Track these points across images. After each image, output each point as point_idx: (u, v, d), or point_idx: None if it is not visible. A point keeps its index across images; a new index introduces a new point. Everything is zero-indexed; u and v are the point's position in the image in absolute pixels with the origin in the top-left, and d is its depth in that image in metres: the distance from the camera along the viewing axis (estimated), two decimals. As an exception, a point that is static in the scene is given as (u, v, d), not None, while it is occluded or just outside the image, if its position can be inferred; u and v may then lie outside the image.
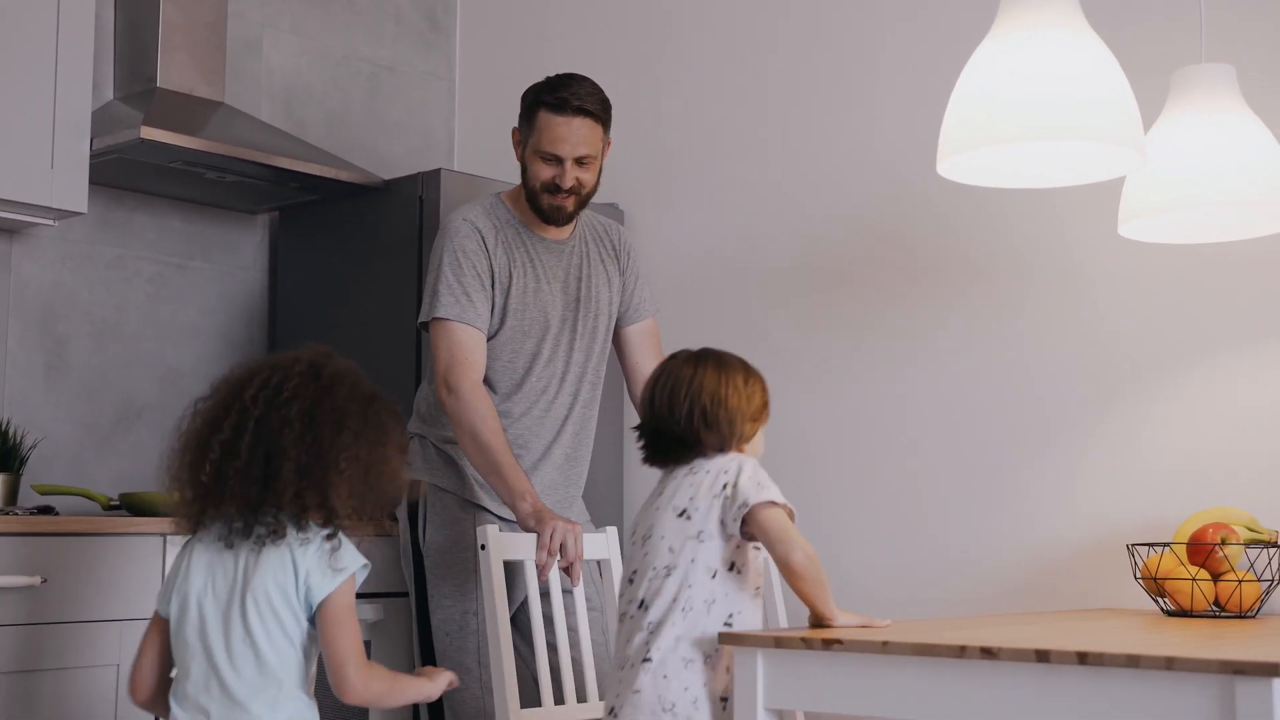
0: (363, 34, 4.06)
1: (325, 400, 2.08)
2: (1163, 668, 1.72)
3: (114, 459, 3.47)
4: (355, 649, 2.05)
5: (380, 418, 2.14)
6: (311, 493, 2.04)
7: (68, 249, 3.43)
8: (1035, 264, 3.10)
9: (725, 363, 2.32)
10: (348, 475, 2.06)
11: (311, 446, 2.04)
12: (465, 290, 2.92)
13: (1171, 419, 2.92)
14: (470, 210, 3.01)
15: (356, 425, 2.09)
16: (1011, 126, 2.11)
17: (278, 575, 2.05)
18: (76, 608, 2.74)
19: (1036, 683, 1.82)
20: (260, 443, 2.04)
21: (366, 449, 2.09)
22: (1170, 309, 2.93)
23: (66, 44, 3.08)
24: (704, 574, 2.21)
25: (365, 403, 2.13)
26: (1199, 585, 2.61)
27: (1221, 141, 2.51)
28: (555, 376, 3.05)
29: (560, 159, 2.94)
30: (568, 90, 2.94)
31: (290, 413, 2.05)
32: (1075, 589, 2.98)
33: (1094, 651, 1.77)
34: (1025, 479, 3.07)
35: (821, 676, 2.02)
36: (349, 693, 2.04)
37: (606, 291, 3.14)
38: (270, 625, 2.05)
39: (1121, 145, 2.15)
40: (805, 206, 3.47)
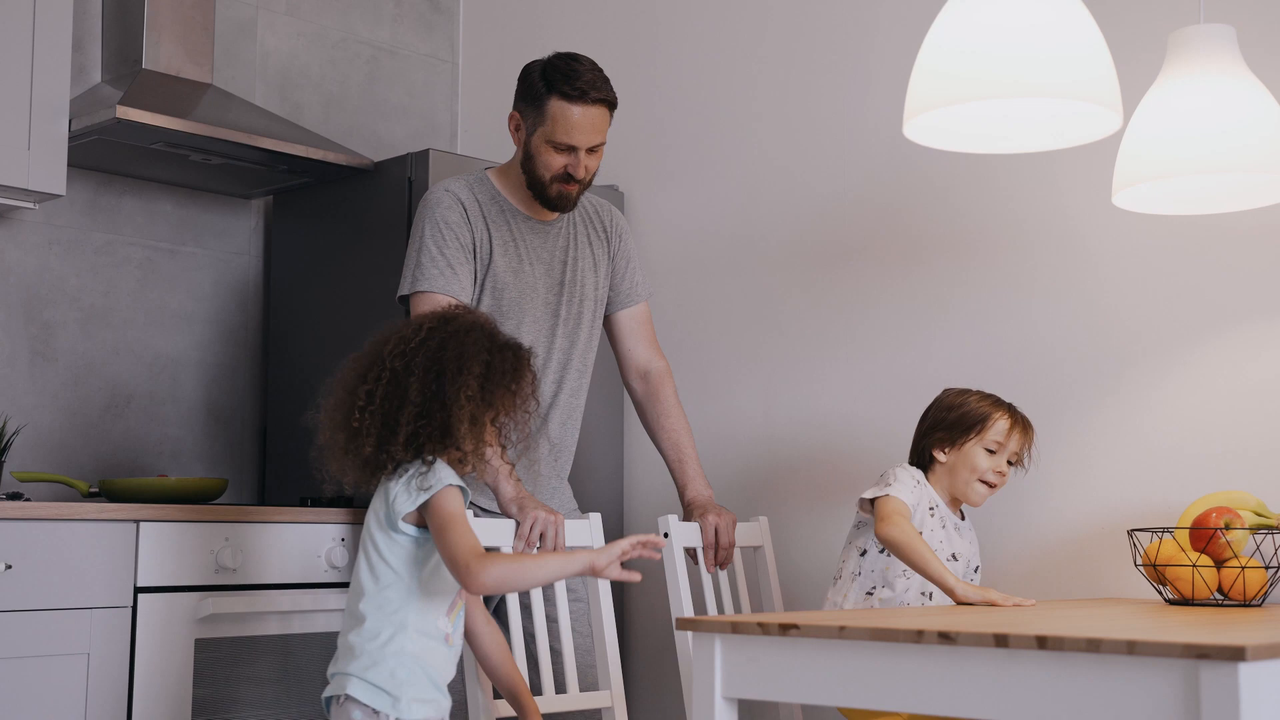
0: (360, 15, 3.99)
1: (450, 347, 2.24)
2: (1124, 652, 1.61)
3: (102, 447, 3.42)
4: (463, 547, 2.15)
5: (506, 362, 2.28)
6: (430, 432, 2.21)
7: (54, 234, 3.38)
8: (1038, 239, 2.99)
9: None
10: (467, 413, 2.21)
11: (433, 391, 2.22)
12: (449, 261, 2.84)
13: (1179, 399, 2.80)
14: (453, 182, 2.93)
15: (479, 368, 2.23)
16: (979, 83, 2.00)
17: (376, 505, 2.27)
18: (44, 595, 2.68)
19: (996, 668, 1.72)
20: (391, 393, 2.23)
21: (488, 389, 2.24)
22: (1178, 284, 2.81)
23: (44, 24, 3.03)
24: (855, 552, 2.74)
25: (490, 349, 2.27)
26: (1199, 572, 2.48)
27: (1221, 106, 2.39)
28: (537, 362, 2.97)
29: (575, 148, 2.85)
30: (583, 79, 2.83)
31: (416, 361, 2.23)
32: (1078, 576, 2.87)
33: (1054, 636, 1.66)
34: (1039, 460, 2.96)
35: (779, 663, 1.92)
36: (471, 585, 2.16)
37: (593, 275, 3.05)
38: (369, 548, 2.26)
39: (1098, 105, 2.03)
40: (804, 183, 3.37)
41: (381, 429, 2.22)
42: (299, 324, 3.61)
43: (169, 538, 2.85)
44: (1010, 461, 2.73)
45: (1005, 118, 2.23)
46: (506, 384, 2.26)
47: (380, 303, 3.34)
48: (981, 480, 2.70)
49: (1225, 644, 1.54)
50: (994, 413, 2.70)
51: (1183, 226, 2.78)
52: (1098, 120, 2.18)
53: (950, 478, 2.73)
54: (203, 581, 2.89)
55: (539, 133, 2.86)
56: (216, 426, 3.64)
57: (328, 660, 3.05)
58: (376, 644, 2.21)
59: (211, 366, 3.63)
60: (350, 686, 2.21)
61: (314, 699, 3.04)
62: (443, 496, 2.19)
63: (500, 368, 2.26)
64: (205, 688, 2.88)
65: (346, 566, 3.10)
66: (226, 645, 2.91)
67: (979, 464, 2.70)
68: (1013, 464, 2.74)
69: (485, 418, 2.25)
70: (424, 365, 2.22)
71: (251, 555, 2.97)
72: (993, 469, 2.70)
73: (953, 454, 2.72)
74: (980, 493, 2.71)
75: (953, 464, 2.72)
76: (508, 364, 2.28)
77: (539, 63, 2.89)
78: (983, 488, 2.71)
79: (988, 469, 2.70)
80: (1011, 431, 2.70)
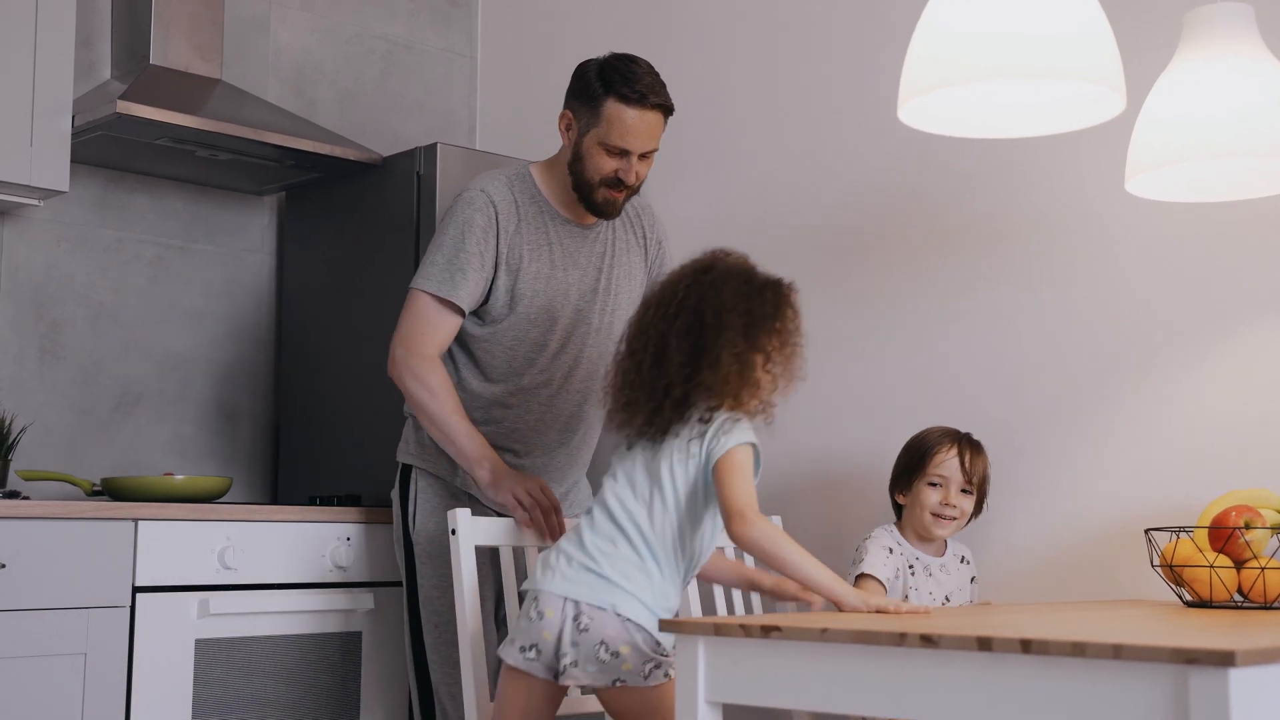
0: (375, 10, 3.95)
1: (710, 302, 2.23)
2: (1110, 656, 1.53)
3: (111, 445, 3.40)
4: (737, 502, 2.16)
5: (767, 304, 2.25)
6: (698, 391, 2.21)
7: (62, 231, 3.37)
8: (1058, 229, 2.90)
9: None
10: (733, 369, 2.20)
11: (692, 352, 2.21)
12: (460, 267, 2.78)
13: (1201, 393, 2.70)
14: (491, 182, 2.85)
15: (740, 320, 2.21)
16: (975, 66, 1.92)
17: (674, 451, 2.25)
18: (40, 594, 2.66)
19: (979, 672, 1.64)
20: (658, 360, 2.24)
21: (751, 336, 2.22)
22: (1197, 275, 2.71)
23: (46, 20, 3.01)
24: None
25: (751, 296, 2.25)
26: (1217, 573, 2.38)
27: (1239, 87, 2.29)
28: (561, 371, 2.90)
29: (628, 152, 2.77)
30: (642, 82, 2.75)
31: (679, 324, 2.23)
32: (1098, 578, 2.77)
33: (1038, 639, 1.58)
34: (1047, 457, 2.87)
35: (762, 666, 1.85)
36: (737, 529, 2.16)
37: (629, 283, 2.98)
38: (656, 484, 2.26)
39: (1101, 87, 1.95)
40: (822, 175, 3.29)
41: (652, 394, 2.23)
42: (312, 321, 3.57)
43: (169, 537, 2.82)
44: (965, 490, 2.71)
45: (1004, 102, 2.14)
46: (770, 325, 2.24)
47: (393, 299, 3.30)
48: (934, 514, 2.70)
49: (1214, 649, 1.45)
50: (933, 446, 2.71)
51: (1202, 214, 2.68)
52: (1101, 103, 2.09)
53: (912, 519, 2.74)
54: (204, 581, 2.86)
55: (592, 134, 2.78)
56: (228, 425, 3.60)
57: (334, 661, 3.02)
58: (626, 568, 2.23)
59: (223, 364, 3.60)
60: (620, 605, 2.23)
61: (318, 701, 3.00)
62: (731, 455, 2.18)
63: (761, 311, 2.24)
64: (206, 688, 2.84)
65: (352, 566, 3.06)
66: (228, 646, 2.88)
67: (927, 500, 2.70)
68: (969, 492, 2.72)
69: (757, 364, 2.22)
70: (683, 327, 2.22)
71: (254, 554, 2.93)
72: (940, 501, 2.69)
73: (909, 496, 2.74)
74: (938, 528, 2.71)
75: (909, 505, 2.75)
76: (768, 305, 2.25)
77: (595, 61, 2.81)
78: (939, 522, 2.70)
79: (935, 502, 2.70)
80: (948, 462, 2.69)
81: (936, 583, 2.73)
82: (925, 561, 2.73)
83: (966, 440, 2.74)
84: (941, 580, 2.74)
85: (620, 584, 2.23)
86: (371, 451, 3.31)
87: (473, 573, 2.54)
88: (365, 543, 3.10)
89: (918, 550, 2.74)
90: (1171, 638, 1.58)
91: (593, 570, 2.24)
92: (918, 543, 2.74)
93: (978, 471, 2.73)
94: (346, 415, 3.42)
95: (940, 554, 2.76)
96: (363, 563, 3.09)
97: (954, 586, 2.76)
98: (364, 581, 3.09)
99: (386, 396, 3.11)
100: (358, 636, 3.07)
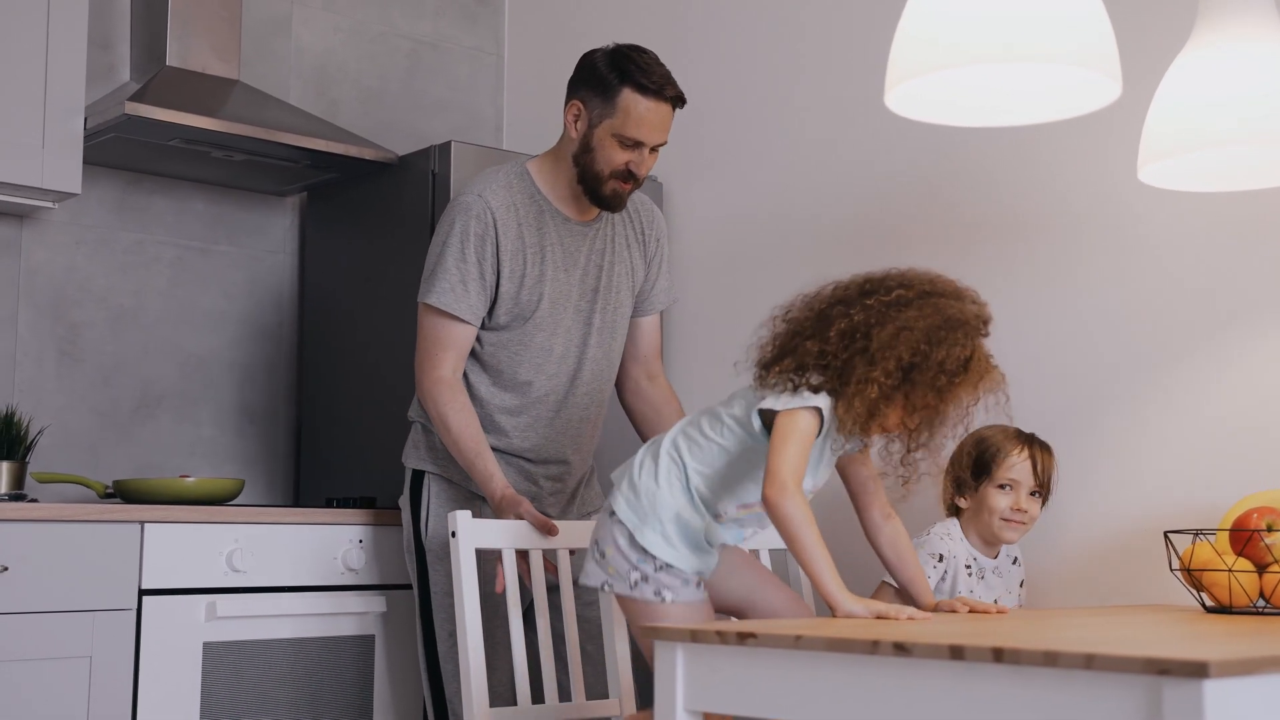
0: (400, 9, 3.93)
1: (884, 326, 2.09)
2: (1082, 666, 1.45)
3: (132, 447, 3.40)
4: (780, 468, 2.08)
5: (953, 363, 2.07)
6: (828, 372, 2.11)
7: (81, 234, 3.37)
8: (1082, 222, 2.80)
9: None
10: (868, 394, 2.08)
11: (849, 351, 2.10)
12: (463, 278, 2.73)
13: (1230, 392, 2.60)
14: (488, 185, 2.79)
15: (907, 356, 2.06)
16: (963, 50, 1.85)
17: (746, 398, 2.23)
18: (44, 597, 2.65)
19: (952, 681, 1.57)
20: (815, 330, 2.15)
21: (910, 380, 2.08)
22: (1226, 270, 2.61)
23: (58, 22, 3.01)
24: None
25: (920, 342, 2.07)
26: (1237, 578, 2.29)
27: (1258, 71, 2.20)
28: (566, 376, 2.86)
29: (642, 144, 2.72)
30: (657, 73, 2.70)
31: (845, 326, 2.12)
32: (1121, 582, 2.68)
33: (1009, 648, 1.51)
34: (1072, 457, 2.78)
35: (740, 674, 1.79)
36: (771, 494, 2.09)
37: (629, 280, 2.92)
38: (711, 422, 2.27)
39: (1094, 72, 1.87)
40: (844, 169, 3.22)
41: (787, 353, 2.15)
42: (334, 322, 3.55)
43: (175, 539, 2.81)
44: (1034, 492, 2.61)
45: (994, 88, 2.06)
46: (929, 387, 2.07)
47: (409, 299, 3.27)
48: (1004, 519, 2.60)
49: (1188, 659, 1.38)
50: (1003, 449, 2.60)
51: (1222, 205, 2.58)
52: (1096, 89, 2.00)
53: (977, 522, 2.64)
54: (212, 584, 2.84)
55: (605, 125, 2.72)
56: (250, 426, 3.59)
57: (346, 664, 2.99)
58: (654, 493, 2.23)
59: (245, 366, 3.59)
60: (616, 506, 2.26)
61: (331, 705, 2.97)
62: (790, 415, 2.10)
63: (941, 367, 2.06)
64: (214, 692, 2.82)
65: (364, 568, 3.03)
66: (236, 649, 2.86)
67: (996, 504, 2.60)
68: (1037, 495, 2.62)
69: (894, 404, 2.10)
70: (848, 330, 2.11)
71: (264, 557, 2.91)
72: (1011, 507, 2.59)
73: (972, 499, 2.64)
74: (1008, 533, 2.61)
75: (974, 509, 2.64)
76: (948, 367, 2.06)
77: (602, 51, 2.75)
78: (1010, 525, 2.61)
79: (1006, 508, 2.60)
80: (1020, 465, 2.59)
81: (987, 586, 2.65)
82: (982, 564, 2.64)
83: (1036, 441, 2.64)
84: (993, 584, 2.66)
85: (625, 488, 2.26)
86: (394, 453, 3.28)
87: (473, 575, 2.50)
88: (378, 545, 3.07)
89: (975, 551, 2.64)
90: (1148, 647, 1.50)
91: (625, 475, 2.31)
92: (979, 545, 2.65)
93: (1047, 474, 2.64)
94: (368, 416, 3.39)
95: (995, 555, 2.68)
96: (375, 565, 3.06)
97: (1004, 589, 2.67)
98: (376, 584, 3.06)
99: (409, 398, 3.07)
100: (370, 640, 3.04)
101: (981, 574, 2.63)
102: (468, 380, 2.84)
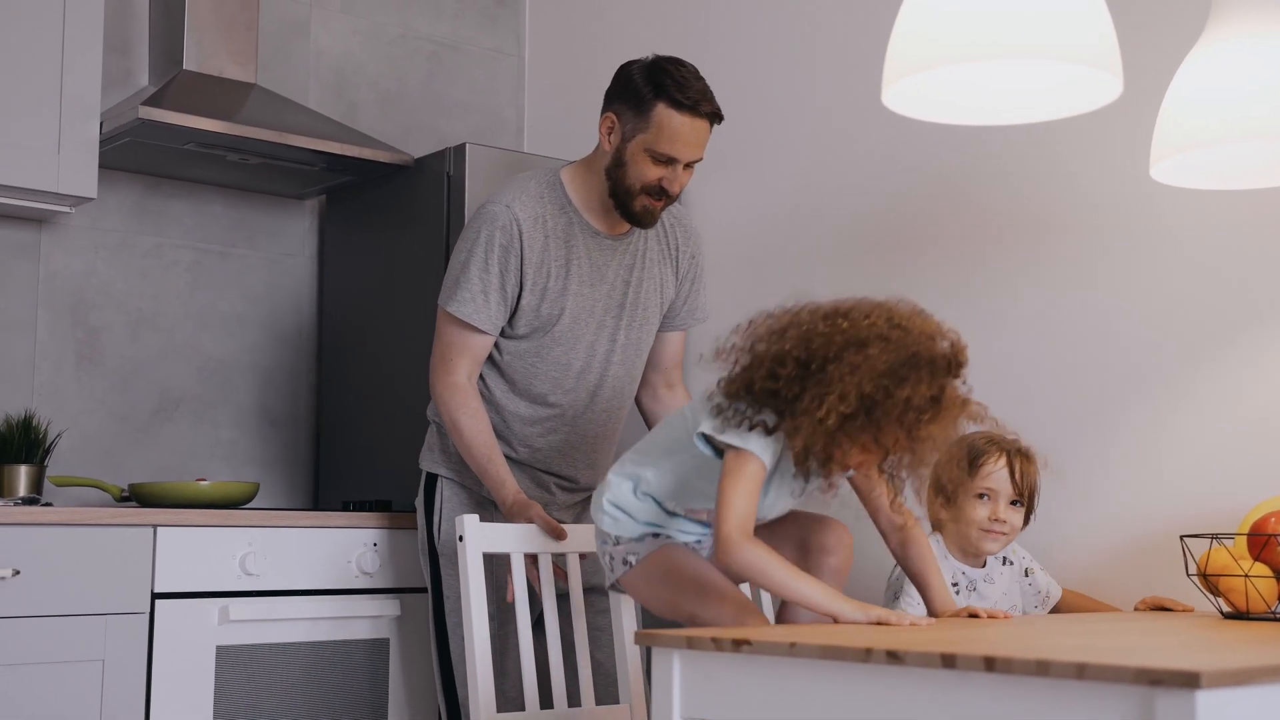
0: (419, 10, 3.92)
1: (842, 359, 1.96)
2: (1073, 676, 1.42)
3: (151, 451, 3.41)
4: (725, 526, 1.99)
5: (920, 398, 1.94)
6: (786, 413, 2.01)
7: (100, 238, 3.38)
8: (1100, 222, 2.76)
9: None
10: (820, 427, 1.96)
11: (799, 395, 1.98)
12: (484, 288, 2.71)
13: (1255, 392, 2.55)
14: (517, 195, 2.74)
15: (869, 388, 1.93)
16: (960, 46, 1.81)
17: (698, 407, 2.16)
18: (57, 601, 2.65)
19: (944, 690, 1.54)
20: (761, 361, 2.05)
21: (874, 416, 1.94)
22: (1246, 270, 2.56)
23: (74, 26, 3.02)
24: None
25: (881, 376, 1.95)
26: (1253, 583, 2.24)
27: (1268, 67, 2.15)
28: (586, 391, 2.83)
29: (675, 161, 2.67)
30: (694, 88, 2.65)
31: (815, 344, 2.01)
32: (1141, 587, 2.63)
33: (1001, 657, 1.48)
34: (1089, 458, 2.74)
35: (736, 681, 1.77)
36: (721, 550, 2.00)
37: (657, 297, 2.89)
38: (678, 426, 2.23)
39: (1094, 68, 1.83)
40: (864, 167, 3.19)
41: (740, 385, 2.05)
42: (353, 325, 3.55)
43: (188, 543, 2.81)
44: (1014, 502, 2.52)
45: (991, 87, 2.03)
46: (897, 426, 1.94)
47: (425, 302, 3.26)
48: (983, 530, 2.51)
49: (1179, 669, 1.34)
50: (979, 457, 2.50)
51: (1246, 205, 2.53)
52: (1096, 87, 1.97)
53: (957, 534, 2.55)
54: (225, 587, 2.84)
55: (638, 140, 2.67)
56: (270, 429, 3.60)
57: (360, 668, 2.98)
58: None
59: (264, 369, 3.60)
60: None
61: (345, 708, 2.97)
62: (736, 456, 2.02)
63: (907, 404, 1.92)
64: (227, 695, 2.82)
65: (378, 572, 3.03)
66: (249, 653, 2.86)
67: (975, 515, 2.51)
68: (1018, 504, 2.53)
69: (857, 442, 1.96)
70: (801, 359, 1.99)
71: (278, 560, 2.91)
72: (989, 517, 2.50)
73: (951, 510, 2.53)
74: (987, 544, 2.52)
75: (954, 520, 2.54)
76: (914, 406, 1.93)
77: (639, 63, 2.70)
78: (988, 537, 2.52)
79: (984, 518, 2.50)
80: (997, 474, 2.49)
81: (981, 597, 2.57)
82: (970, 577, 2.57)
83: (1016, 449, 2.53)
84: (986, 593, 2.58)
85: (604, 510, 2.27)
86: (413, 456, 3.27)
87: (480, 579, 2.48)
88: (392, 548, 3.06)
89: (962, 565, 2.57)
90: (1145, 657, 1.46)
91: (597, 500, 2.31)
92: (962, 558, 2.57)
93: (1028, 483, 2.53)
94: (388, 419, 3.39)
95: (982, 565, 2.61)
96: (389, 568, 3.05)
97: (999, 594, 2.59)
98: (391, 588, 3.05)
99: (428, 400, 3.07)
100: (385, 644, 3.03)
101: (973, 586, 2.56)
102: (485, 384, 2.83)
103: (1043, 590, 2.64)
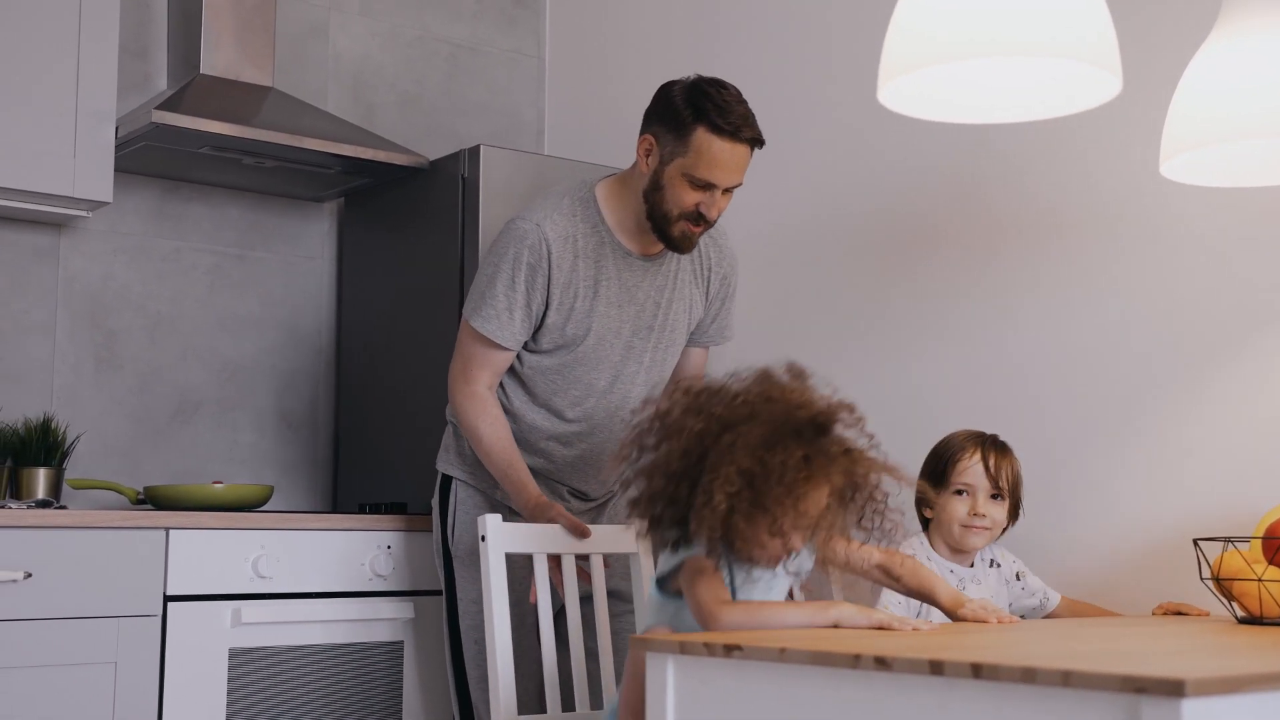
0: (437, 13, 3.92)
1: (726, 435, 1.94)
2: (1059, 683, 1.40)
3: (170, 454, 3.42)
4: (707, 597, 1.99)
5: (788, 467, 1.91)
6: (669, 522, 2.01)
7: (118, 242, 3.40)
8: (1112, 223, 2.73)
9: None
10: (711, 520, 1.94)
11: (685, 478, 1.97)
12: (509, 305, 2.69)
13: (1270, 394, 2.51)
14: (549, 213, 2.70)
15: (746, 464, 1.91)
16: (956, 43, 1.79)
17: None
18: (69, 603, 2.67)
19: (933, 696, 1.52)
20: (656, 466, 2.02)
21: (760, 494, 1.92)
22: (1260, 271, 2.52)
23: (89, 32, 3.04)
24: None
25: (772, 445, 1.92)
26: (1267, 588, 2.21)
27: (1278, 63, 2.12)
28: (606, 411, 2.82)
29: (714, 186, 2.61)
30: (735, 113, 2.58)
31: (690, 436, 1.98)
32: (1157, 591, 2.60)
33: (988, 664, 1.46)
34: (1102, 460, 2.70)
35: (728, 686, 1.75)
36: (713, 628, 1.99)
37: (685, 318, 2.86)
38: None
39: (1092, 66, 1.80)
40: (877, 167, 3.16)
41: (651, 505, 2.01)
42: (371, 328, 3.55)
43: (201, 546, 2.82)
44: (994, 496, 2.53)
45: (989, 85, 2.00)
46: (781, 492, 1.90)
47: (441, 304, 3.26)
48: (964, 525, 2.53)
49: (1164, 677, 1.32)
50: (954, 453, 2.54)
51: (1261, 203, 2.49)
52: (1095, 85, 1.94)
53: (942, 531, 2.57)
54: (238, 590, 2.85)
55: (676, 163, 2.61)
56: (289, 432, 3.60)
57: (374, 671, 2.98)
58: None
59: (283, 372, 3.60)
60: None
61: (359, 711, 2.97)
62: (686, 564, 2.01)
63: (783, 469, 1.89)
64: (239, 698, 2.83)
65: (392, 575, 3.03)
66: (262, 655, 2.86)
67: (955, 511, 2.53)
68: (999, 498, 2.54)
69: (755, 522, 1.93)
70: (684, 446, 1.95)
71: (290, 563, 2.91)
72: (969, 512, 2.53)
73: (936, 509, 2.57)
74: (970, 539, 2.54)
75: (937, 517, 2.57)
76: (790, 468, 1.89)
77: (681, 84, 2.64)
78: (970, 533, 2.53)
79: (964, 514, 2.53)
80: (972, 469, 2.52)
81: (968, 596, 2.57)
82: (959, 575, 2.57)
83: (991, 442, 2.56)
84: (973, 595, 2.55)
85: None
86: (431, 458, 3.27)
87: (503, 580, 2.46)
88: (406, 551, 3.06)
89: (950, 564, 2.57)
90: (1132, 664, 1.44)
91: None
92: (950, 555, 2.58)
93: (1005, 475, 2.55)
94: (406, 422, 3.39)
95: (970, 564, 2.60)
96: (404, 571, 3.05)
97: (986, 596, 2.57)
98: (405, 590, 3.05)
99: (445, 404, 3.06)
100: (399, 646, 3.03)
101: (961, 586, 2.55)
102: (504, 393, 2.82)
103: (1038, 594, 2.63)
